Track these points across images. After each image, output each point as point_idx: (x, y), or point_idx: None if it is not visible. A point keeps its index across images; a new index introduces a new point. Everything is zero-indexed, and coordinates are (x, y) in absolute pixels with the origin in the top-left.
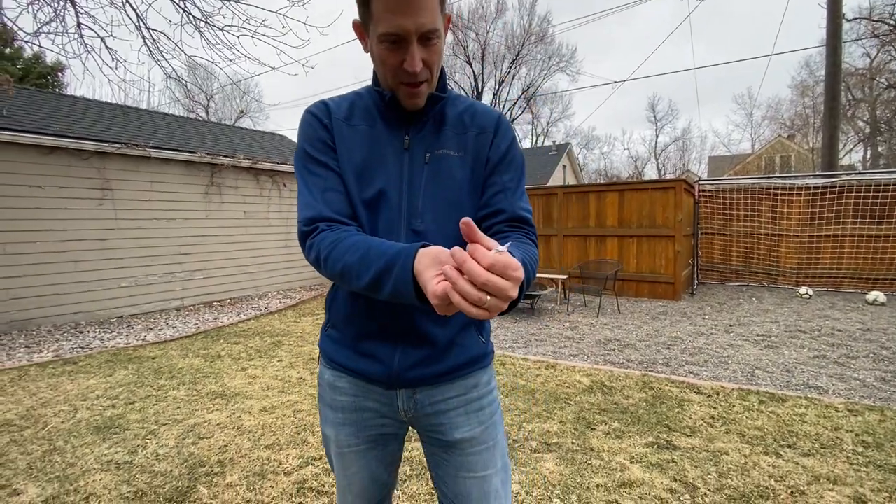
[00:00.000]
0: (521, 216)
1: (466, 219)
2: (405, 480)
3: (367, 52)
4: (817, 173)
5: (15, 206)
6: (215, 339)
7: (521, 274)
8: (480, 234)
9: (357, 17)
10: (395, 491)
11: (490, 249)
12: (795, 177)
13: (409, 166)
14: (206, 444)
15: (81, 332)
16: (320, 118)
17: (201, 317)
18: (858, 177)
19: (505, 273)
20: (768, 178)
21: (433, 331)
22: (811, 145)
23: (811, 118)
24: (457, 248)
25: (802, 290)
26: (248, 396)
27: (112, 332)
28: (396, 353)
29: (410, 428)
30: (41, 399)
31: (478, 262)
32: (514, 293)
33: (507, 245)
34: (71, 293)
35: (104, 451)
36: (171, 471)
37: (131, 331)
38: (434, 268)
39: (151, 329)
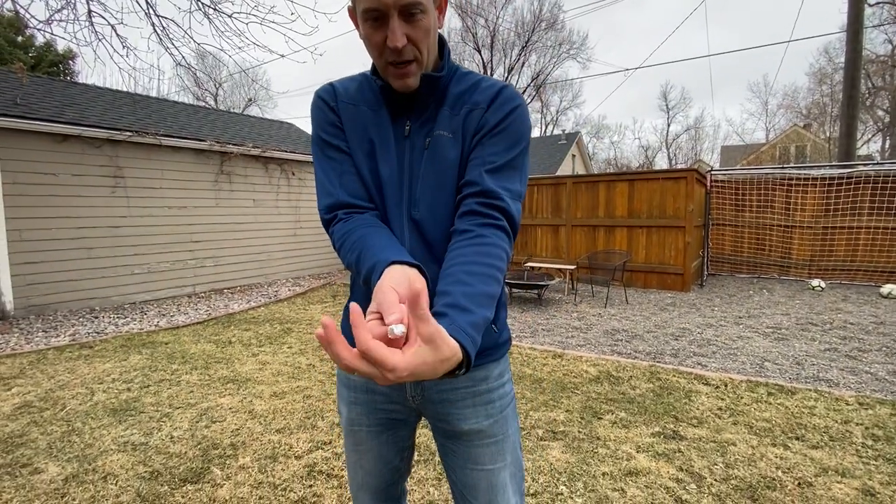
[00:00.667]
0: (490, 190)
1: (415, 289)
2: (413, 466)
3: (361, 38)
4: (833, 163)
5: (30, 193)
6: (226, 325)
7: (393, 376)
8: (418, 304)
9: (350, 2)
10: None
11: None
12: (811, 167)
13: (409, 154)
14: (218, 427)
15: (96, 318)
16: (328, 101)
17: (212, 303)
18: (876, 167)
19: (376, 364)
20: (782, 168)
21: None
22: (828, 135)
23: (829, 107)
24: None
25: (815, 282)
26: (259, 382)
27: (126, 317)
28: None
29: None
30: (59, 382)
31: (357, 339)
32: (388, 381)
33: (400, 331)
34: (86, 279)
35: (121, 433)
36: (186, 452)
37: (144, 317)
38: (373, 304)
39: (164, 315)
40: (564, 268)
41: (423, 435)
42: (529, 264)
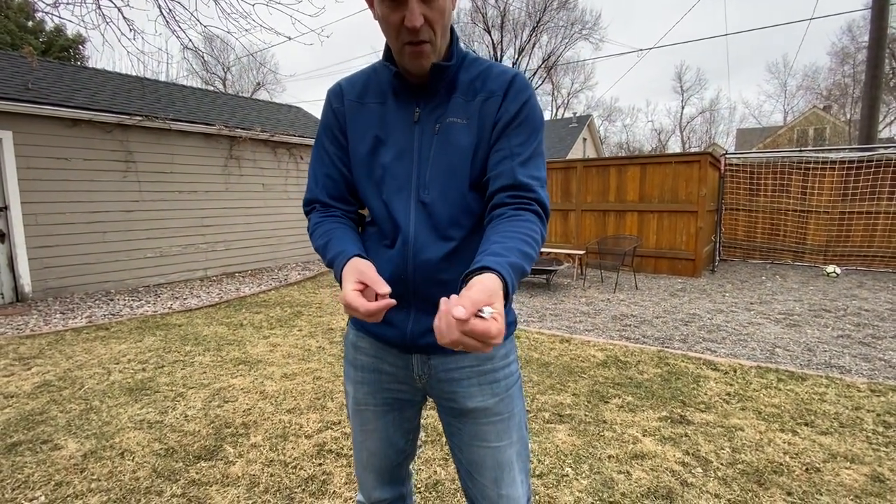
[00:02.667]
0: (522, 183)
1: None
2: (420, 446)
3: (376, 19)
4: (853, 146)
5: (44, 177)
6: (238, 308)
7: (499, 340)
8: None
9: None
10: None
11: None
12: (829, 150)
13: (419, 138)
14: (231, 406)
15: (112, 300)
16: (332, 103)
17: (224, 287)
18: None
19: (482, 339)
20: (800, 151)
21: None
22: (848, 117)
23: (850, 88)
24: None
25: (830, 268)
26: (270, 363)
27: (140, 300)
28: (410, 320)
29: (428, 399)
30: (77, 362)
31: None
32: (492, 347)
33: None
34: (100, 263)
35: (137, 411)
36: (199, 431)
37: (158, 299)
38: (352, 276)
39: (177, 298)
40: (573, 253)
41: (431, 416)
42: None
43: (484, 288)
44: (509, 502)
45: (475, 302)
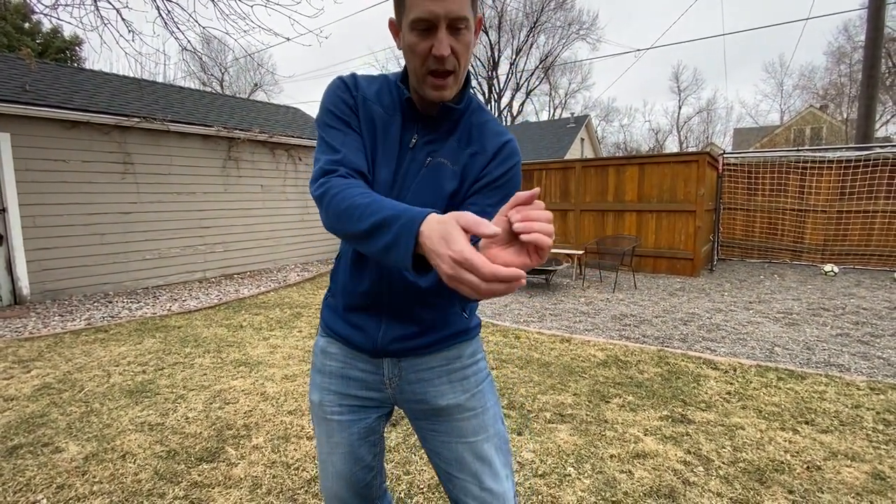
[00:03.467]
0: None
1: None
2: (422, 447)
3: (400, 48)
4: (850, 146)
5: (42, 179)
6: (237, 310)
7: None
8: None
9: (392, 15)
10: (411, 455)
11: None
12: (826, 149)
13: (408, 164)
14: (232, 408)
15: (110, 302)
16: (349, 86)
17: (223, 288)
18: (895, 149)
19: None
20: (797, 150)
21: (418, 312)
22: (845, 116)
23: (847, 87)
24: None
25: (828, 267)
26: (270, 365)
27: (139, 302)
28: (381, 328)
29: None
30: (76, 364)
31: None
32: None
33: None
34: (99, 265)
35: (137, 414)
36: (201, 433)
37: (157, 301)
38: (456, 231)
39: (176, 300)
40: (572, 253)
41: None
42: None
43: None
44: (494, 497)
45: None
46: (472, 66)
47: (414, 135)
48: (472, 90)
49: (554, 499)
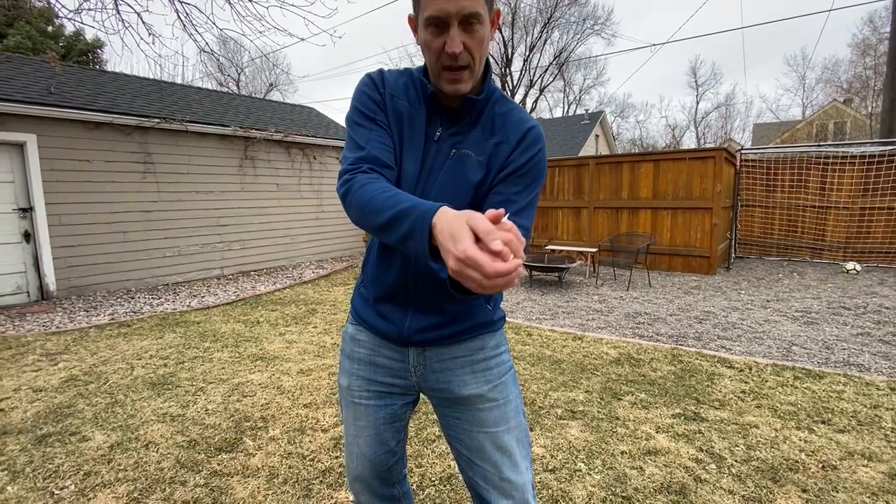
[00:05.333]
0: None
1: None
2: (434, 440)
3: (419, 44)
4: (874, 140)
5: (67, 179)
6: (254, 306)
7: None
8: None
9: (411, 11)
10: (424, 448)
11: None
12: (850, 144)
13: (434, 157)
14: (249, 401)
15: (133, 298)
16: (377, 83)
17: (240, 285)
18: None
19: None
20: (819, 146)
21: (443, 303)
22: (870, 110)
23: (871, 80)
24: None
25: (849, 265)
26: (287, 359)
27: (160, 298)
28: (407, 318)
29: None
30: (101, 357)
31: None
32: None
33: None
34: (121, 262)
35: (160, 405)
36: (220, 424)
37: (177, 297)
38: (464, 231)
39: (195, 296)
40: (586, 250)
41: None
42: (550, 247)
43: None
44: (513, 487)
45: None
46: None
47: (438, 128)
48: (492, 81)
49: (564, 493)
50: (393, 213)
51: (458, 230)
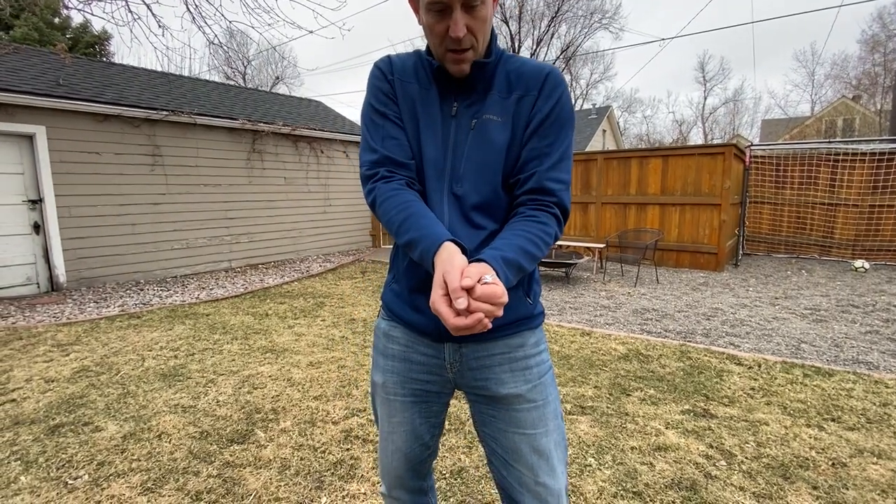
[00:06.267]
0: (547, 188)
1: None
2: (444, 434)
3: (420, 24)
4: (884, 137)
5: (76, 171)
6: (262, 298)
7: (505, 300)
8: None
9: None
10: None
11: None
12: (859, 141)
13: (455, 133)
14: (260, 393)
15: (142, 290)
16: (384, 72)
17: (248, 278)
18: None
19: (491, 301)
20: (829, 142)
21: None
22: (879, 107)
23: (881, 77)
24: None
25: (858, 262)
26: (296, 352)
27: (169, 290)
28: None
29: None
30: (112, 349)
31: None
32: (501, 309)
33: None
34: (130, 254)
35: (171, 396)
36: (231, 415)
37: (186, 289)
38: (438, 279)
39: (204, 288)
40: (593, 246)
41: (454, 405)
42: (557, 242)
43: (478, 266)
44: (548, 493)
45: (471, 273)
46: None
47: (454, 103)
48: (498, 45)
49: (575, 488)
50: (406, 240)
51: (436, 278)
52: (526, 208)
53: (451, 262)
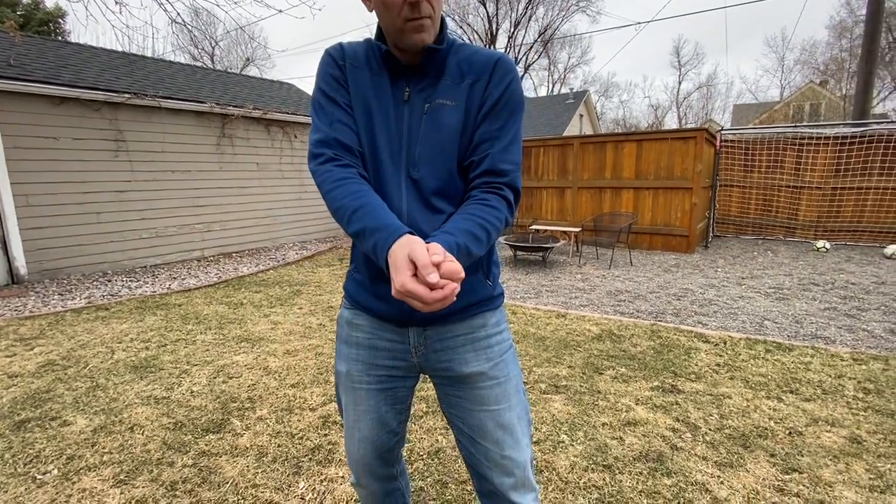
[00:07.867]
0: (499, 169)
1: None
2: (422, 416)
3: (370, 10)
4: (847, 122)
5: (33, 157)
6: (237, 287)
7: (462, 275)
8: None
9: None
10: (412, 424)
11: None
12: (824, 126)
13: (408, 118)
14: (235, 382)
15: (110, 281)
16: (335, 58)
17: (222, 267)
18: (890, 126)
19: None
20: (795, 127)
21: None
22: (844, 92)
23: (847, 62)
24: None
25: (820, 243)
26: (272, 340)
27: (138, 280)
28: None
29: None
30: (79, 341)
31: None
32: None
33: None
34: (95, 244)
35: (143, 388)
36: (206, 405)
37: (156, 280)
38: (405, 263)
39: (175, 278)
40: (569, 230)
41: (431, 388)
42: (534, 227)
43: (435, 246)
44: (514, 465)
45: (438, 251)
46: (469, 38)
47: (405, 87)
48: (449, 34)
49: (548, 464)
50: (358, 229)
51: (400, 262)
52: (479, 191)
53: (411, 245)
